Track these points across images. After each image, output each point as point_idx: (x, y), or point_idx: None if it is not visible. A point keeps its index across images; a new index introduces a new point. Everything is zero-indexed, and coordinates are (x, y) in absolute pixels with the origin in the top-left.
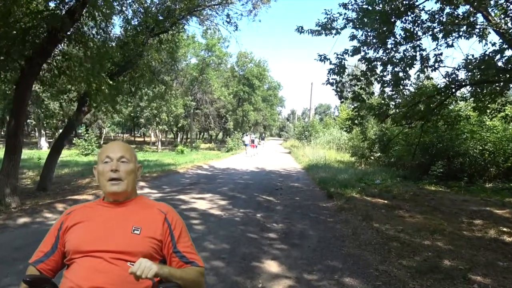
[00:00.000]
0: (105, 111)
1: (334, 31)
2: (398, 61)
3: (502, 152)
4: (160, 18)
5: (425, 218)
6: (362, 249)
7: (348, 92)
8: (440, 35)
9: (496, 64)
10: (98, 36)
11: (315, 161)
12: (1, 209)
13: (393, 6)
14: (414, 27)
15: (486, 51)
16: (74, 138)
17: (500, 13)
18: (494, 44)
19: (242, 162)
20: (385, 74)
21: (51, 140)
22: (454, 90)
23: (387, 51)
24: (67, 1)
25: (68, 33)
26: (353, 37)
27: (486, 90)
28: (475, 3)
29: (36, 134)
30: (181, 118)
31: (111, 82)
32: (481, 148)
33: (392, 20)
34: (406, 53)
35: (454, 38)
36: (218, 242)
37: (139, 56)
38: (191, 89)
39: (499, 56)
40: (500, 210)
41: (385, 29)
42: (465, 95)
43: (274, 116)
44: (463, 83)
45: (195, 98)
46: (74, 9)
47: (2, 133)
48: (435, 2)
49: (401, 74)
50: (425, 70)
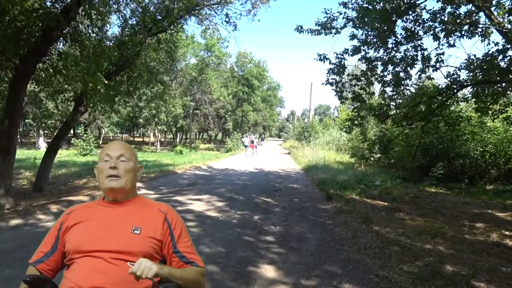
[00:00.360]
0: (102, 111)
1: (334, 31)
2: (398, 61)
3: (503, 153)
4: (158, 17)
5: (426, 221)
6: (362, 253)
7: (348, 92)
8: (441, 35)
9: (498, 64)
10: (94, 34)
11: (315, 162)
12: None
13: (393, 5)
14: (415, 27)
15: (489, 51)
16: (73, 138)
17: (503, 12)
18: (497, 44)
19: (241, 162)
20: (385, 74)
21: (50, 140)
22: (455, 91)
23: (388, 51)
24: None
25: (63, 32)
26: (353, 36)
27: (488, 91)
28: (477, 2)
29: (34, 134)
30: (180, 119)
31: (107, 82)
32: (481, 149)
33: (393, 19)
34: (407, 53)
35: (455, 37)
36: (214, 246)
37: (137, 55)
38: (190, 89)
39: (502, 56)
40: (502, 213)
41: (385, 28)
42: (466, 96)
43: (273, 116)
44: (465, 84)
45: (194, 99)
46: (70, 7)
47: None
48: (437, 1)
49: (402, 74)
50: (426, 70)
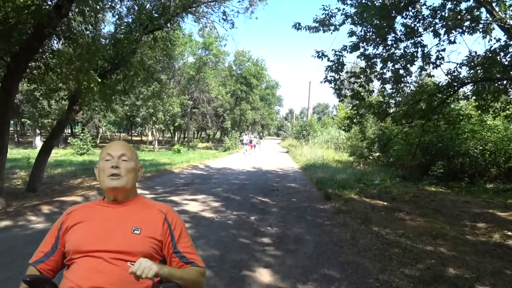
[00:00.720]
0: (97, 110)
1: (332, 28)
2: (398, 58)
3: (503, 152)
4: (155, 15)
5: (426, 221)
6: (361, 255)
7: (346, 89)
8: (442, 31)
9: (501, 61)
10: (88, 32)
11: (313, 160)
12: None
13: (393, 0)
14: (415, 23)
15: (491, 47)
16: (69, 138)
17: (504, 7)
18: (498, 40)
19: (238, 161)
20: (385, 71)
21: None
22: (456, 88)
23: (387, 48)
24: None
25: (55, 29)
26: (352, 33)
27: (489, 89)
28: None
29: (31, 133)
30: (178, 117)
31: (100, 80)
32: (481, 148)
33: (392, 15)
34: (406, 49)
35: (456, 34)
36: (208, 248)
37: (132, 53)
38: (188, 88)
39: (504, 53)
40: (503, 213)
41: (385, 24)
42: (466, 94)
43: (272, 115)
44: (466, 81)
45: (192, 97)
46: (62, 4)
47: None
48: None
49: (401, 72)
50: (426, 67)
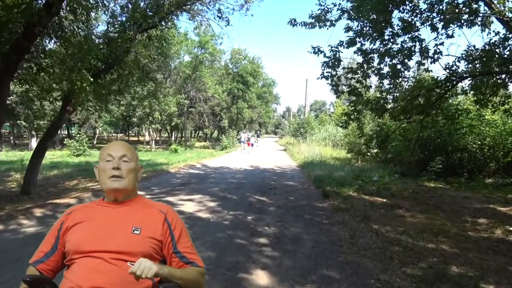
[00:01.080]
0: (91, 110)
1: (328, 23)
2: (395, 53)
3: (501, 146)
4: (149, 13)
5: (426, 217)
6: (361, 255)
7: (343, 85)
8: (439, 25)
9: (501, 54)
10: (79, 30)
11: (311, 158)
12: None
13: None
14: (412, 17)
15: (490, 40)
16: (66, 139)
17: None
18: (497, 33)
19: (236, 160)
20: (382, 66)
21: None
22: (455, 83)
23: (384, 43)
24: None
25: (46, 28)
26: (348, 28)
27: (487, 83)
28: None
29: (28, 135)
30: (174, 117)
31: (93, 80)
32: (480, 143)
33: (389, 9)
34: (404, 44)
35: (454, 27)
36: (203, 250)
37: (126, 52)
38: (185, 87)
39: (503, 46)
40: (503, 208)
41: (382, 19)
42: (465, 88)
43: (269, 113)
44: (465, 75)
45: (189, 96)
46: (52, 2)
47: None
48: None
49: (399, 67)
50: (424, 62)
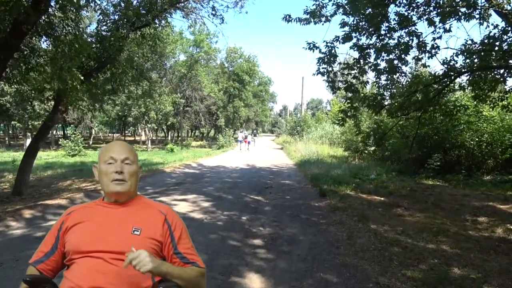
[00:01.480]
0: (84, 110)
1: (323, 19)
2: (392, 48)
3: (499, 143)
4: (142, 11)
5: (426, 216)
6: (359, 257)
7: (340, 82)
8: (437, 19)
9: (501, 46)
10: (69, 28)
11: (308, 156)
12: None
13: None
14: (409, 12)
15: (490, 33)
16: (61, 139)
17: None
18: (496, 26)
19: (232, 159)
20: (379, 62)
21: None
22: (453, 78)
23: (381, 38)
24: None
25: (35, 25)
26: (344, 24)
27: (486, 78)
28: None
29: (23, 136)
30: (170, 116)
31: (83, 78)
32: (477, 139)
33: (385, 2)
34: (400, 39)
35: (452, 21)
36: None
37: (119, 51)
38: (180, 86)
39: (500, 41)
40: (503, 205)
41: (378, 12)
42: (463, 84)
43: (265, 112)
44: (463, 70)
45: (185, 95)
46: None
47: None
48: None
49: (396, 62)
50: (421, 56)
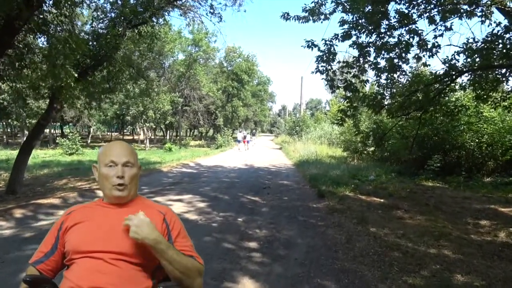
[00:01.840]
0: (80, 108)
1: (322, 17)
2: (392, 46)
3: (500, 144)
4: (139, 9)
5: (426, 219)
6: (358, 261)
7: (339, 80)
8: (437, 17)
9: (504, 44)
10: (64, 25)
11: (306, 156)
12: None
13: None
14: (409, 9)
15: (493, 30)
16: (58, 138)
17: None
18: (499, 24)
19: (230, 159)
20: (379, 60)
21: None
22: (454, 77)
23: (381, 36)
24: None
25: (27, 22)
26: (343, 22)
27: (487, 77)
28: None
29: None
30: (168, 115)
31: (77, 75)
32: (478, 140)
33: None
34: (401, 37)
35: (453, 18)
36: None
37: (116, 48)
38: (179, 85)
39: (502, 39)
40: (505, 208)
41: (378, 9)
42: (464, 84)
43: (264, 111)
44: (464, 69)
45: (183, 95)
46: None
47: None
48: None
49: (396, 61)
50: (422, 55)
